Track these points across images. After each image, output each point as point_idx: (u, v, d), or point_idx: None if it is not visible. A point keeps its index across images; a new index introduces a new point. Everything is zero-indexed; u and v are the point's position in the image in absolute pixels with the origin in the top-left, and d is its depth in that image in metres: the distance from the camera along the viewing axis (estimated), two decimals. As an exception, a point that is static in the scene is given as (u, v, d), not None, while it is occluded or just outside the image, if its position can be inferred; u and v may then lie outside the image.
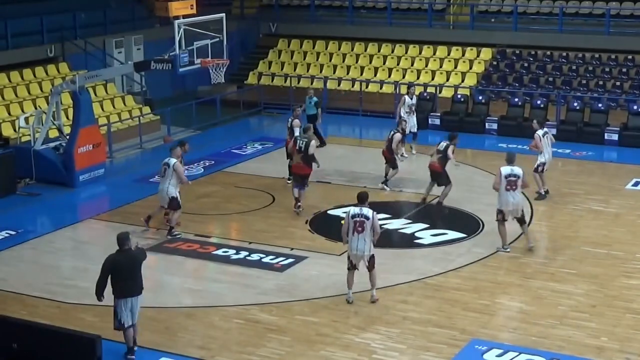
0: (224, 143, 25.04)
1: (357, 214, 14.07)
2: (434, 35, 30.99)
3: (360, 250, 14.13)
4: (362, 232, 14.00)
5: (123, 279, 12.34)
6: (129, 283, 12.41)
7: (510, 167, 16.45)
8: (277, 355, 12.78)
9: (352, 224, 14.07)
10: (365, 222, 13.98)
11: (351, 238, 14.14)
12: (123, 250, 12.43)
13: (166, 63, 21.64)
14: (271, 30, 33.19)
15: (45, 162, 21.32)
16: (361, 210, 14.07)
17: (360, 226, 13.99)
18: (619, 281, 15.37)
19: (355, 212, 14.09)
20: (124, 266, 12.37)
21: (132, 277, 12.42)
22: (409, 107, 23.60)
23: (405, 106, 23.59)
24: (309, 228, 18.17)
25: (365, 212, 14.05)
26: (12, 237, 17.84)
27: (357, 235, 14.05)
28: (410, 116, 23.43)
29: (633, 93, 27.06)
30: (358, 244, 14.10)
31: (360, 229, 14.00)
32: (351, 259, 14.30)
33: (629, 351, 12.83)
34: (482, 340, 13.13)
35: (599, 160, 23.62)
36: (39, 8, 27.36)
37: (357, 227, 14.02)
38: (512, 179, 16.28)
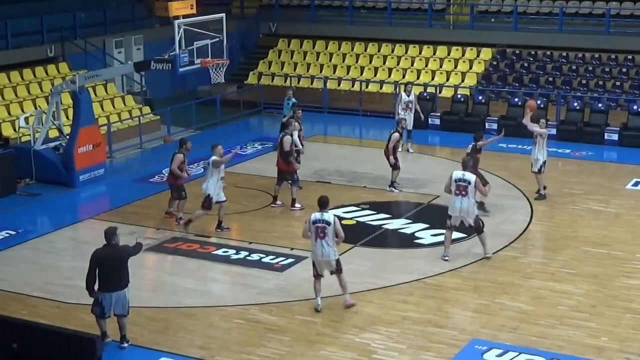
0: (224, 143, 24.92)
1: (318, 220, 13.89)
2: (433, 35, 31.00)
3: (325, 255, 13.95)
4: (324, 237, 13.83)
5: (108, 272, 12.54)
6: (114, 277, 12.57)
7: (462, 172, 16.12)
8: (277, 355, 12.79)
9: (313, 229, 13.89)
10: (326, 227, 13.81)
11: (314, 245, 13.95)
12: (110, 245, 12.57)
13: (166, 63, 21.66)
14: (271, 30, 33.20)
15: (45, 162, 21.33)
16: (322, 215, 13.91)
17: (322, 232, 13.81)
18: (619, 281, 15.38)
19: (317, 218, 13.91)
20: (109, 260, 12.54)
21: (116, 272, 12.56)
22: (405, 103, 23.65)
23: (402, 103, 23.68)
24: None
25: (326, 217, 13.89)
26: (12, 237, 17.84)
27: (320, 242, 13.87)
28: (407, 114, 23.43)
29: (633, 93, 27.06)
30: (322, 249, 13.92)
31: (322, 235, 13.82)
32: (316, 267, 14.11)
33: (629, 351, 12.83)
34: (482, 340, 13.13)
35: (599, 160, 23.62)
36: (39, 8, 27.36)
37: (319, 233, 13.84)
38: (462, 184, 15.92)
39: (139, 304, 14.54)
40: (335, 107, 29.26)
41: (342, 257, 16.49)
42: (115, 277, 12.58)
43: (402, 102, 23.72)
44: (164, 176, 21.89)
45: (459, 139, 25.16)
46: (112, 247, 12.59)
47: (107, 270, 12.54)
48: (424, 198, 19.85)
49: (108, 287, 12.58)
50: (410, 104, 23.69)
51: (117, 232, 12.67)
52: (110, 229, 12.72)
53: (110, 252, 12.58)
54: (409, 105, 23.67)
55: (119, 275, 12.60)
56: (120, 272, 12.61)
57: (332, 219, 13.89)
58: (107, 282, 12.57)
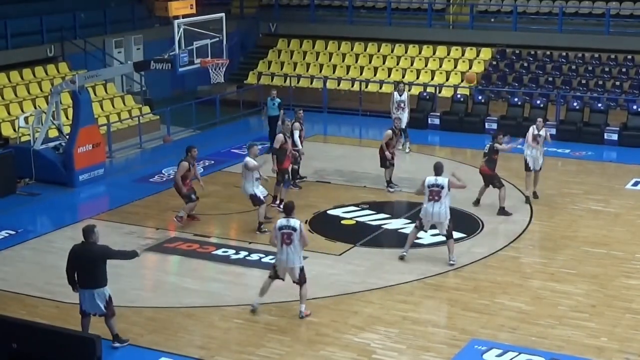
0: (224, 143, 25.05)
1: (284, 226, 13.69)
2: (433, 35, 31.00)
3: (290, 262, 13.78)
4: (290, 244, 13.65)
5: (79, 269, 12.60)
6: (83, 275, 12.60)
7: (434, 177, 15.97)
8: (277, 355, 12.79)
9: (279, 235, 13.70)
10: (292, 233, 13.63)
11: (279, 250, 13.75)
12: (86, 243, 12.57)
13: (166, 63, 21.67)
14: (271, 30, 33.20)
15: (45, 162, 21.33)
16: (288, 221, 13.71)
17: (288, 238, 13.63)
18: (619, 281, 15.38)
19: (282, 224, 13.72)
20: (80, 257, 12.59)
21: (86, 270, 12.57)
22: (397, 103, 23.68)
23: (394, 102, 23.72)
24: (308, 228, 18.15)
25: (292, 223, 13.69)
26: (12, 237, 17.85)
27: (285, 248, 13.69)
28: (400, 113, 23.38)
29: (633, 93, 27.07)
30: (287, 256, 13.74)
31: (289, 241, 13.64)
32: (277, 269, 13.96)
33: (628, 351, 12.83)
34: (481, 340, 13.13)
35: (599, 160, 23.63)
36: (38, 8, 27.36)
37: (284, 239, 13.65)
38: (435, 189, 15.82)
39: (139, 304, 14.58)
40: (334, 107, 29.27)
41: (342, 257, 16.59)
42: (84, 274, 12.59)
43: (394, 102, 23.79)
44: (164, 176, 21.94)
45: (458, 139, 25.23)
46: (86, 245, 12.60)
47: (78, 267, 12.62)
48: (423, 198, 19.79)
49: (80, 284, 12.67)
50: (402, 103, 23.71)
51: (95, 230, 12.61)
52: (88, 226, 12.68)
53: (83, 250, 12.62)
54: (401, 105, 23.68)
55: (89, 274, 12.57)
56: (90, 270, 12.56)
57: (298, 225, 13.66)
58: (79, 279, 12.66)
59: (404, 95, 23.90)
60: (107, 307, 12.73)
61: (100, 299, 12.65)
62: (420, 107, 27.51)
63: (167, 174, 21.99)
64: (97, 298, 12.64)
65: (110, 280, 15.03)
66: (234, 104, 29.41)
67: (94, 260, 12.58)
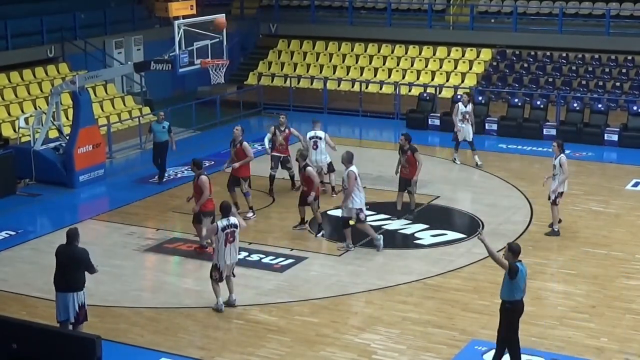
0: (224, 143, 25.00)
1: (227, 225, 13.90)
2: (433, 35, 31.00)
3: (234, 259, 14.14)
4: (234, 241, 13.99)
5: (57, 270, 12.61)
6: (58, 277, 12.61)
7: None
8: (277, 356, 12.79)
9: (223, 236, 13.87)
10: (235, 231, 13.96)
11: (223, 250, 13.92)
12: (68, 244, 12.57)
13: (166, 63, 21.67)
14: (271, 31, 33.20)
15: (45, 163, 21.33)
16: (229, 220, 13.94)
17: (232, 236, 13.93)
18: (619, 282, 15.38)
19: (224, 224, 13.89)
20: (59, 259, 12.62)
21: (62, 272, 12.57)
22: (462, 114, 22.28)
23: (459, 114, 22.35)
24: (308, 228, 18.17)
25: (232, 221, 13.97)
26: (12, 238, 17.85)
27: (229, 246, 13.95)
28: (465, 124, 22.25)
29: (633, 94, 27.06)
30: (232, 253, 14.04)
31: (232, 239, 13.94)
32: (221, 271, 14.10)
33: (628, 352, 12.84)
34: (481, 341, 13.13)
35: (599, 161, 23.62)
36: (39, 8, 27.37)
37: (228, 239, 13.90)
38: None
39: (139, 305, 14.58)
40: (335, 108, 29.27)
41: (342, 258, 16.59)
42: (59, 276, 12.60)
43: (459, 113, 22.40)
44: (164, 176, 21.90)
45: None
46: (67, 247, 12.60)
47: (57, 268, 12.64)
48: (424, 199, 19.83)
49: (55, 285, 12.67)
50: (467, 114, 22.32)
51: (77, 233, 12.62)
52: (72, 230, 12.68)
53: (62, 252, 12.64)
54: (466, 116, 22.30)
55: (62, 276, 12.55)
56: (64, 273, 12.55)
57: (237, 222, 14.04)
58: (54, 280, 12.66)
59: (469, 106, 22.57)
60: (78, 314, 12.60)
61: (73, 305, 12.54)
62: (420, 108, 27.52)
63: (166, 174, 21.97)
64: (71, 303, 12.52)
65: (111, 281, 15.13)
66: (234, 105, 29.41)
67: (73, 262, 12.53)
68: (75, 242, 12.55)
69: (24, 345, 12.00)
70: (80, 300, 12.56)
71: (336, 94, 30.03)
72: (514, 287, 11.68)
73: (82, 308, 12.61)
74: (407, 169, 18.60)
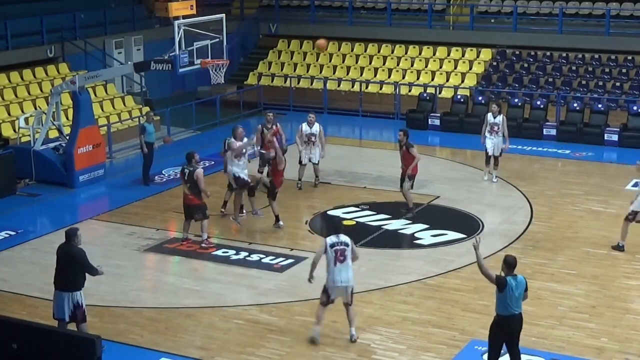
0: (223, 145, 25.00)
1: (336, 242, 12.86)
2: (433, 35, 31.00)
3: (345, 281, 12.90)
4: (344, 260, 12.81)
5: (56, 269, 12.67)
6: (56, 275, 12.66)
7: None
8: (277, 356, 12.79)
9: (332, 254, 12.81)
10: (345, 249, 12.85)
11: (333, 270, 12.83)
12: (66, 243, 12.61)
13: (166, 63, 21.66)
14: (271, 31, 33.19)
15: (45, 163, 21.33)
16: (338, 237, 12.92)
17: (342, 255, 12.83)
18: (619, 282, 15.38)
19: (333, 241, 12.88)
20: (57, 258, 12.66)
21: (59, 271, 12.63)
22: (489, 125, 20.65)
23: (487, 124, 20.75)
24: (308, 228, 18.17)
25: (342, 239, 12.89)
26: (12, 238, 17.85)
27: (339, 266, 12.79)
28: (494, 136, 20.65)
29: (633, 94, 27.06)
30: (342, 274, 12.84)
31: (342, 258, 12.82)
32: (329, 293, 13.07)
33: (628, 352, 12.84)
34: (482, 341, 13.09)
35: (599, 161, 23.63)
36: (38, 8, 27.36)
37: (338, 257, 12.81)
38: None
39: (139, 305, 14.58)
40: (335, 108, 29.27)
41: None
42: (57, 274, 12.64)
43: (487, 124, 20.74)
44: (164, 177, 21.93)
45: (458, 140, 25.21)
46: (65, 247, 12.63)
47: (56, 266, 12.69)
48: (423, 199, 19.84)
49: (55, 285, 12.69)
50: (496, 126, 20.53)
51: (77, 233, 12.61)
52: (71, 229, 12.70)
53: (60, 251, 12.68)
54: (494, 128, 20.54)
55: (59, 274, 12.61)
56: (61, 271, 12.60)
57: (349, 241, 12.98)
58: (56, 279, 12.69)
59: (499, 117, 20.61)
60: (73, 313, 12.58)
61: (69, 304, 12.54)
62: (420, 108, 27.52)
63: (167, 174, 21.99)
64: (66, 302, 12.54)
65: (111, 281, 15.11)
66: (234, 105, 29.41)
67: (70, 261, 12.54)
68: (72, 241, 12.54)
69: (24, 345, 12.00)
70: (76, 300, 12.53)
71: (336, 94, 30.02)
72: (502, 300, 11.29)
73: (79, 308, 12.57)
74: (402, 164, 18.63)
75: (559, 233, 17.86)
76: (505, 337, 11.50)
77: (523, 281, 11.51)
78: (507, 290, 11.27)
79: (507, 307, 11.31)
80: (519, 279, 11.49)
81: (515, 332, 11.49)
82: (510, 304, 11.30)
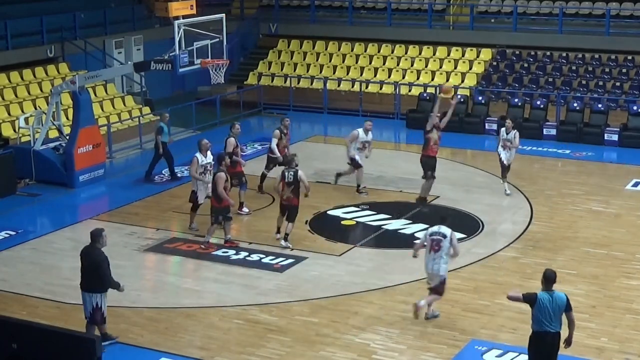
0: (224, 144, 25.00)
1: (435, 232, 13.63)
2: (433, 35, 30.99)
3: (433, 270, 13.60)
4: (438, 251, 13.51)
5: (81, 270, 12.80)
6: (82, 276, 12.78)
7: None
8: (277, 356, 12.79)
9: (429, 242, 13.61)
10: (442, 240, 13.52)
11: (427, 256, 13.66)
12: (90, 246, 12.75)
13: (166, 63, 21.67)
14: (271, 31, 33.19)
15: (45, 163, 21.32)
16: (440, 228, 13.65)
17: (437, 245, 13.54)
18: (619, 282, 15.38)
19: (434, 230, 13.67)
20: (81, 258, 12.83)
21: (82, 271, 12.77)
22: (502, 141, 20.05)
23: (500, 139, 20.21)
24: (309, 228, 18.17)
25: (443, 230, 13.56)
26: (12, 238, 17.84)
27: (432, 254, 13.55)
28: (506, 151, 20.01)
29: (633, 93, 27.05)
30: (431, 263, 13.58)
31: (437, 248, 13.54)
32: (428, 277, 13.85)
33: (628, 352, 12.83)
34: (481, 341, 13.13)
35: (599, 161, 23.62)
36: (38, 8, 27.35)
37: (433, 246, 13.54)
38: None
39: (139, 305, 14.57)
40: (335, 108, 29.26)
41: (342, 257, 16.61)
42: (82, 275, 12.76)
43: (500, 140, 20.23)
44: (164, 176, 21.92)
45: (458, 140, 25.19)
46: (89, 248, 12.75)
47: (81, 267, 12.79)
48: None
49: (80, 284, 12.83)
50: (508, 142, 19.93)
51: (102, 234, 12.71)
52: (96, 230, 12.81)
53: (86, 252, 12.80)
54: (507, 144, 19.97)
55: (83, 276, 12.73)
56: (84, 273, 12.72)
57: (449, 234, 13.56)
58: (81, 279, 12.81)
59: (512, 133, 19.96)
60: (92, 314, 12.69)
61: (90, 304, 12.66)
62: (420, 108, 27.50)
63: (166, 174, 21.98)
64: (87, 303, 12.69)
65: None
66: (234, 105, 29.39)
67: (90, 264, 12.65)
68: (97, 242, 12.66)
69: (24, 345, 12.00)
70: (95, 302, 12.64)
71: (336, 93, 30.01)
72: (535, 315, 11.05)
73: (98, 310, 12.67)
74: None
75: (559, 233, 17.86)
76: (541, 354, 11.17)
77: (562, 298, 11.07)
78: (539, 305, 10.98)
79: (541, 323, 11.02)
80: (557, 295, 11.09)
81: (550, 350, 11.12)
82: (543, 320, 10.99)
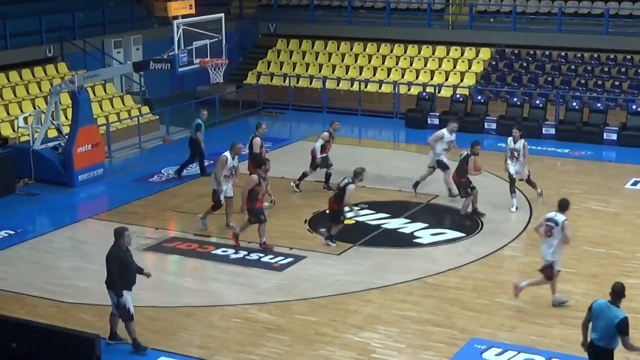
0: (224, 143, 24.98)
1: (548, 219, 14.07)
2: (432, 35, 31.00)
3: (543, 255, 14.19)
4: (551, 236, 14.03)
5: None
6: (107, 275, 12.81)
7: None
8: (276, 355, 12.79)
9: (544, 228, 14.12)
10: (553, 227, 13.98)
11: (542, 240, 14.22)
12: (114, 244, 12.78)
13: (165, 63, 21.68)
14: (270, 30, 33.20)
15: (44, 162, 21.32)
16: (555, 215, 14.04)
17: (549, 231, 14.04)
18: (618, 280, 15.33)
19: (550, 216, 14.09)
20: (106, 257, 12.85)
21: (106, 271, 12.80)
22: (510, 151, 19.36)
23: (508, 151, 19.47)
24: (308, 228, 18.17)
25: (557, 217, 13.99)
26: (11, 237, 17.84)
27: (545, 239, 14.11)
28: (512, 162, 19.28)
29: (632, 93, 27.07)
30: (543, 247, 14.18)
31: (549, 234, 14.05)
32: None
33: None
34: (481, 339, 13.14)
35: (598, 160, 23.63)
36: (38, 8, 27.35)
37: (546, 232, 14.07)
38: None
39: (138, 304, 14.53)
40: (334, 107, 29.26)
41: (341, 256, 16.59)
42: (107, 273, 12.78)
43: (508, 149, 19.56)
44: (163, 176, 21.92)
45: (458, 139, 25.12)
46: (112, 246, 12.77)
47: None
48: (422, 198, 19.85)
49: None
50: (516, 152, 19.21)
51: (124, 233, 12.71)
52: (119, 229, 12.84)
53: (109, 250, 12.81)
54: (514, 154, 19.24)
55: (107, 273, 12.77)
56: (107, 271, 12.76)
57: (561, 222, 13.94)
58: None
59: (520, 142, 19.18)
60: (118, 312, 12.83)
61: (113, 301, 12.80)
62: (419, 107, 27.53)
63: (166, 173, 22.00)
64: (111, 300, 12.83)
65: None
66: (233, 104, 29.42)
67: (107, 262, 12.74)
68: (118, 241, 12.69)
69: (24, 344, 12.02)
70: (115, 299, 12.70)
71: (335, 93, 30.03)
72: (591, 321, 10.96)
73: (120, 307, 12.72)
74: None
75: (558, 232, 17.84)
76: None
77: (618, 316, 10.63)
78: (591, 313, 10.91)
79: (591, 330, 10.93)
80: (615, 312, 10.70)
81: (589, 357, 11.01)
82: (591, 328, 10.90)
